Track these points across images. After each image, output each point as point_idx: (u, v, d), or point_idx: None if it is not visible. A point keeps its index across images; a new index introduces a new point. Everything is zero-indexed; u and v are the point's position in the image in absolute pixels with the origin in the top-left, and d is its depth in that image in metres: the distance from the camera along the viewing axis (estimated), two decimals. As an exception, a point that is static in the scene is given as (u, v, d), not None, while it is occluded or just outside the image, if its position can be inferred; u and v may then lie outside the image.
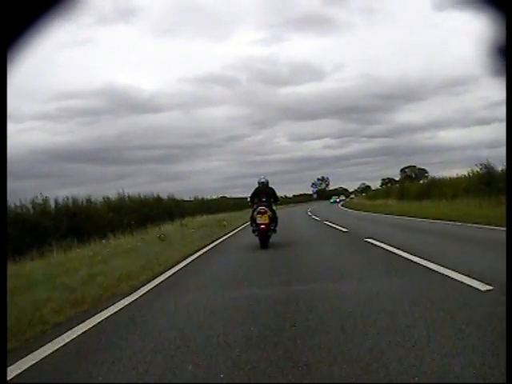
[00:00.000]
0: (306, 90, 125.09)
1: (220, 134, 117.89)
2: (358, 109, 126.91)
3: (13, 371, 2.32)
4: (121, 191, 17.50)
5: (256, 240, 8.32)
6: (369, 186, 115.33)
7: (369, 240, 7.78)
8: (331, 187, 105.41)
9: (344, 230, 10.92)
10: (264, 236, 8.43)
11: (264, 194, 9.00)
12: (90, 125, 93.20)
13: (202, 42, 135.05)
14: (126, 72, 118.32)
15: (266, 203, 8.75)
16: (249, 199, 9.26)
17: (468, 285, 3.52)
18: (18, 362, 2.45)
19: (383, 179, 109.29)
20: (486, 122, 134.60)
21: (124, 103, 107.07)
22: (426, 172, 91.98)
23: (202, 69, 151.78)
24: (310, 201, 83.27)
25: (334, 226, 12.71)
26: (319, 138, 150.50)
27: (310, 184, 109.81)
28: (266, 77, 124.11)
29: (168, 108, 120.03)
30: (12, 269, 7.01)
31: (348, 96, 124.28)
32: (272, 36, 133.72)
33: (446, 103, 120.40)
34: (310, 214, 24.24)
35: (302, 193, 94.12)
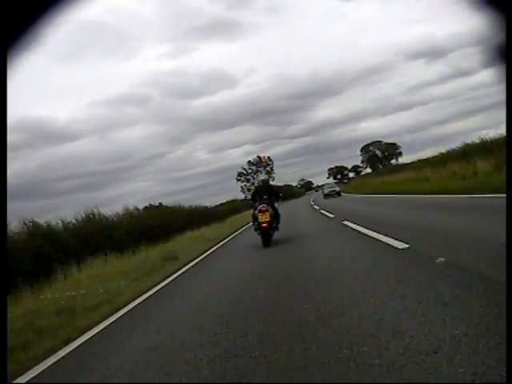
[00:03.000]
0: (219, 98, 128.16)
1: (140, 155, 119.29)
2: (275, 111, 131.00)
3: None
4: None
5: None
6: (310, 181, 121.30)
7: None
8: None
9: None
10: (266, 234, 8.83)
11: (265, 191, 9.53)
12: (10, 161, 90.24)
13: (108, 63, 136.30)
14: (38, 103, 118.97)
15: (267, 201, 9.19)
16: (250, 197, 9.90)
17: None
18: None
19: (331, 168, 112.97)
20: (406, 107, 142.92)
21: (41, 135, 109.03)
22: (397, 148, 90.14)
23: (111, 90, 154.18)
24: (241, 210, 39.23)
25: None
26: (239, 145, 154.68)
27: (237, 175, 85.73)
28: (178, 90, 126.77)
29: (84, 135, 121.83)
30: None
31: (263, 99, 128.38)
32: (178, 48, 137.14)
33: (363, 94, 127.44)
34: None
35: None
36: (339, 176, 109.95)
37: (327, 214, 14.59)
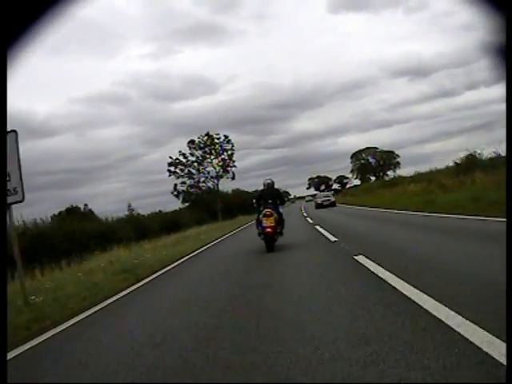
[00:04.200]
0: (200, 103, 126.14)
1: (116, 155, 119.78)
2: (254, 120, 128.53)
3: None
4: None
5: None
6: (287, 192, 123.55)
7: None
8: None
9: None
10: (270, 239, 8.93)
11: (269, 195, 9.50)
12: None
13: (90, 59, 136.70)
14: (18, 95, 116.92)
15: (271, 205, 9.25)
16: (254, 201, 9.92)
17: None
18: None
19: (311, 178, 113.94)
20: (386, 124, 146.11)
21: (19, 128, 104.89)
22: (396, 157, 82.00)
23: (91, 88, 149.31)
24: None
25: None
26: None
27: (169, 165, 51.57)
28: (158, 92, 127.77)
29: (61, 131, 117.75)
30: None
31: (243, 107, 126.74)
32: (161, 49, 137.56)
33: (344, 108, 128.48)
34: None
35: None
36: (323, 187, 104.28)
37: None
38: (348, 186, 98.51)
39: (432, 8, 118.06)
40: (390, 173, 73.75)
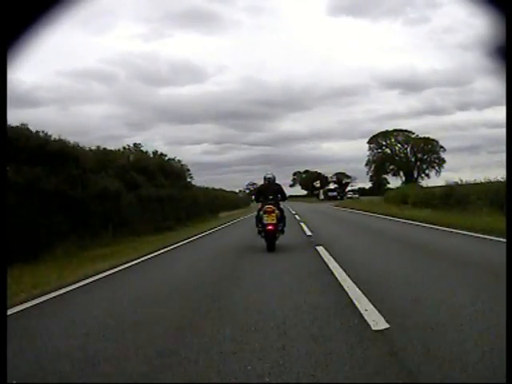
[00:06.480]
0: (186, 91, 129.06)
1: (97, 133, 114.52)
2: (239, 114, 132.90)
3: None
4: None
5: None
6: None
7: None
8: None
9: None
10: (271, 238, 8.53)
11: (270, 191, 9.01)
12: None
13: (80, 33, 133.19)
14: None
15: (272, 201, 8.78)
16: (253, 197, 9.73)
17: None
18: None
19: (298, 173, 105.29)
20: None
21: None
22: (437, 150, 53.20)
23: (79, 62, 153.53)
24: None
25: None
26: (198, 142, 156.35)
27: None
28: (146, 75, 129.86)
29: (45, 102, 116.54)
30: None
31: (229, 100, 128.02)
32: (152, 31, 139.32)
33: (332, 114, 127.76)
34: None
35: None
36: (317, 184, 79.94)
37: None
38: (350, 188, 78.27)
39: (433, 23, 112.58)
40: (432, 172, 48.10)
